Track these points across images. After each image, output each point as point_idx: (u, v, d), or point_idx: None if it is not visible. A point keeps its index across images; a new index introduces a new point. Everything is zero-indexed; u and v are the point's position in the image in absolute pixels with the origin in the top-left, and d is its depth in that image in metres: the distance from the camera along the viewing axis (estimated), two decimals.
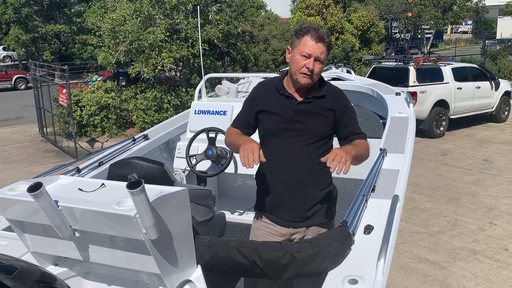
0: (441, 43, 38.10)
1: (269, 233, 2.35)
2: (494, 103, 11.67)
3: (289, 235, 2.33)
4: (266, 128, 2.31)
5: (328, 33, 2.25)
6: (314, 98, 2.25)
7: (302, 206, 2.28)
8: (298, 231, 2.32)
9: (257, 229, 2.41)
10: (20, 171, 8.90)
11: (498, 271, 4.63)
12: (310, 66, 2.15)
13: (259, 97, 2.36)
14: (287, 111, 2.24)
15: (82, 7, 21.59)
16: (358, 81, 5.89)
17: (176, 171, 3.82)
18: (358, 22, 19.02)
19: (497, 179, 7.53)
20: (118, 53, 10.57)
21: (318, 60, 2.16)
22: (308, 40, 2.15)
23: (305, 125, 2.23)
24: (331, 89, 2.33)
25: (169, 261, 1.72)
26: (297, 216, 2.30)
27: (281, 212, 2.31)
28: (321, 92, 2.27)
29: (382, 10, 23.30)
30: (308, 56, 2.15)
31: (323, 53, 2.17)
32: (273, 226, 2.35)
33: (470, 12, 24.36)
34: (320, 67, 2.18)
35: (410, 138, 3.27)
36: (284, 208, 2.30)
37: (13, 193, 1.70)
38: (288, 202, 2.29)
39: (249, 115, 2.36)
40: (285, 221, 2.31)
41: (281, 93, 2.28)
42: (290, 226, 2.32)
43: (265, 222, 2.37)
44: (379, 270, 1.73)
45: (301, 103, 2.25)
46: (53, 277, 1.49)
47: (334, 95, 2.31)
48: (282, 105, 2.26)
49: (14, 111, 16.00)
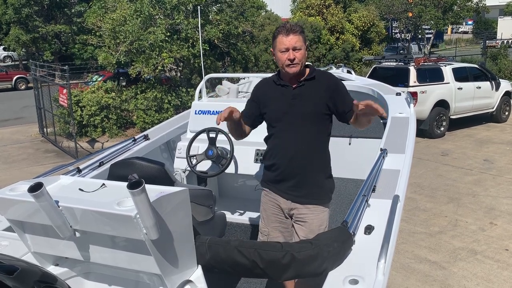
0: (442, 43, 38.09)
1: (273, 205, 2.65)
2: (495, 103, 11.67)
3: (288, 209, 2.61)
4: (270, 116, 2.60)
5: (297, 23, 2.57)
6: (305, 81, 2.54)
7: (301, 183, 2.54)
8: (296, 206, 2.58)
9: (264, 202, 2.71)
10: (20, 171, 8.90)
11: (498, 271, 4.63)
12: (291, 57, 2.44)
13: (260, 92, 2.68)
14: (285, 97, 2.54)
15: (83, 7, 21.59)
16: (358, 81, 5.88)
17: (176, 171, 3.82)
18: (359, 22, 19.03)
19: (497, 179, 7.53)
20: (118, 53, 10.57)
21: (295, 49, 2.44)
22: (281, 37, 2.46)
23: (302, 106, 2.50)
24: (321, 73, 2.63)
25: (170, 261, 1.72)
26: (295, 192, 2.56)
27: (282, 186, 2.59)
28: (311, 75, 2.55)
29: (382, 10, 23.32)
30: (286, 49, 2.44)
31: (298, 41, 2.44)
32: (275, 198, 2.63)
33: (470, 12, 24.36)
34: (301, 53, 2.46)
35: (410, 138, 3.27)
36: (285, 183, 2.57)
37: (14, 193, 1.70)
38: (289, 178, 2.55)
39: (250, 108, 2.68)
40: (286, 194, 2.58)
41: (278, 83, 2.59)
42: (289, 199, 2.58)
43: (270, 195, 2.66)
44: (379, 270, 1.73)
45: (296, 88, 2.54)
46: (54, 277, 1.49)
47: (324, 76, 2.60)
48: (280, 94, 2.56)
49: (15, 111, 16.00)
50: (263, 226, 2.73)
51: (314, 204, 2.55)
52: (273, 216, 2.66)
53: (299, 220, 2.57)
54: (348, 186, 4.41)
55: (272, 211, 2.66)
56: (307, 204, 2.55)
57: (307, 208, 2.55)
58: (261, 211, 2.75)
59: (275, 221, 2.66)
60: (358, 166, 3.69)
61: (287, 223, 2.64)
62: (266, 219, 2.70)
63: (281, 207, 2.62)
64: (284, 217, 2.64)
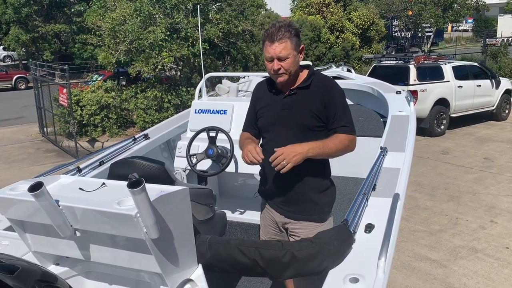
0: (442, 41, 38.06)
1: (268, 217, 2.55)
2: (495, 102, 11.66)
3: (282, 223, 2.48)
4: (261, 124, 2.45)
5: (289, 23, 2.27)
6: (298, 89, 2.32)
7: (291, 199, 2.40)
8: (290, 221, 2.44)
9: (262, 210, 2.61)
10: (20, 171, 8.91)
11: (499, 269, 4.63)
12: (275, 67, 2.23)
13: (257, 97, 2.53)
14: (275, 106, 2.36)
15: (82, 7, 21.56)
16: (358, 80, 5.88)
17: (176, 170, 3.82)
18: (359, 21, 19.00)
19: (497, 177, 7.53)
20: (118, 53, 10.56)
21: (280, 59, 2.21)
22: (266, 45, 2.23)
23: (291, 118, 2.31)
24: (320, 79, 2.35)
25: (170, 260, 1.72)
26: (287, 207, 2.43)
27: (274, 200, 2.48)
28: (306, 83, 2.32)
29: (382, 9, 23.32)
30: (270, 59, 2.23)
31: (284, 49, 2.20)
32: (270, 211, 2.53)
33: (470, 10, 24.37)
34: (287, 62, 2.22)
35: (410, 137, 3.27)
36: (277, 198, 2.46)
37: (14, 193, 1.70)
38: (279, 193, 2.42)
39: (252, 116, 2.52)
40: (279, 208, 2.46)
41: (270, 90, 2.42)
42: (282, 214, 2.46)
43: (266, 205, 2.57)
44: (380, 268, 1.73)
45: (286, 97, 2.34)
46: (54, 276, 1.49)
47: (322, 84, 2.33)
48: (272, 101, 2.39)
49: (15, 111, 16.00)
50: (261, 234, 2.67)
51: (308, 220, 2.40)
52: (268, 227, 2.58)
53: (294, 235, 2.44)
54: (348, 185, 4.41)
55: (268, 222, 2.57)
56: (300, 220, 2.40)
57: (301, 224, 2.41)
58: (260, 217, 2.67)
59: (271, 232, 2.58)
60: (358, 164, 3.69)
61: (283, 235, 2.53)
62: (263, 229, 2.63)
63: (275, 220, 2.51)
64: (279, 230, 2.53)
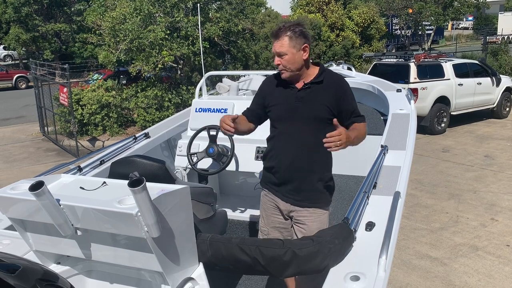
0: (442, 39, 38.00)
1: (272, 206, 2.63)
2: (495, 99, 11.65)
3: (287, 211, 2.58)
4: (274, 116, 2.55)
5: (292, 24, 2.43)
6: (312, 83, 2.46)
7: (300, 187, 2.50)
8: (296, 209, 2.54)
9: (264, 202, 2.69)
10: (21, 170, 8.91)
11: (500, 267, 4.63)
12: (276, 63, 2.44)
13: (266, 90, 2.62)
14: (289, 99, 2.48)
15: (82, 6, 21.57)
16: (358, 78, 5.87)
17: (177, 169, 3.83)
18: (359, 19, 18.96)
19: (498, 175, 7.53)
20: (118, 52, 10.56)
21: (279, 55, 2.40)
22: (273, 42, 2.44)
23: (306, 110, 2.44)
24: (331, 75, 2.52)
25: (171, 259, 1.72)
26: (294, 195, 2.52)
27: (281, 189, 2.56)
28: (319, 78, 2.47)
29: (382, 7, 23.27)
30: (274, 55, 2.44)
31: (282, 46, 2.38)
32: (275, 200, 2.60)
33: (471, 8, 24.27)
34: (285, 59, 2.39)
35: (411, 135, 3.27)
36: (285, 187, 2.54)
37: (15, 192, 1.71)
38: (288, 182, 2.51)
39: (256, 104, 2.64)
40: (286, 197, 2.55)
41: (282, 84, 2.53)
42: (288, 202, 2.55)
43: (269, 196, 2.63)
44: (380, 266, 1.73)
45: (301, 90, 2.47)
46: (56, 275, 1.49)
47: (333, 80, 2.50)
48: (285, 94, 2.50)
49: (15, 110, 16.01)
50: (262, 225, 2.72)
51: (314, 207, 2.52)
52: (272, 216, 2.64)
53: (299, 222, 2.55)
54: (349, 183, 4.41)
55: (272, 211, 2.64)
56: (306, 207, 2.52)
57: (307, 211, 2.52)
58: (260, 210, 2.74)
59: (275, 221, 2.64)
60: (359, 162, 3.69)
61: (287, 224, 2.63)
62: (266, 219, 2.69)
63: (280, 209, 2.60)
64: (283, 218, 2.62)
